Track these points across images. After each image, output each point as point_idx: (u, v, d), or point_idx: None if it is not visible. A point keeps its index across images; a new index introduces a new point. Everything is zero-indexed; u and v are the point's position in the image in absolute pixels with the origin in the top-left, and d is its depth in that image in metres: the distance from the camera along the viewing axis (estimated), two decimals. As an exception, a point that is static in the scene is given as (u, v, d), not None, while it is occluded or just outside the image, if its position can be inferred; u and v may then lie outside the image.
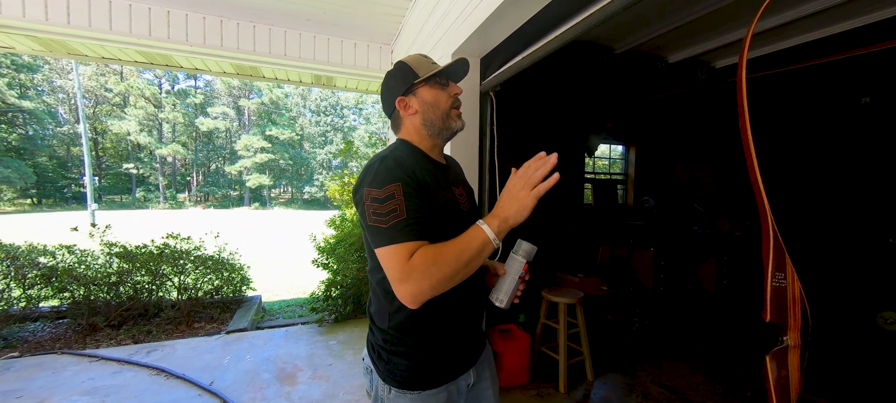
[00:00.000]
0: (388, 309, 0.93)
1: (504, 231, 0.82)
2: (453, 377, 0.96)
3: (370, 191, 0.84)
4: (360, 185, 0.88)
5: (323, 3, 2.75)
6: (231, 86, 33.56)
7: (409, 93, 0.98)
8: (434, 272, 0.78)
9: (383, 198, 0.82)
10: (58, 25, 2.58)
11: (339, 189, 4.32)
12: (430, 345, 0.93)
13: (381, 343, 0.95)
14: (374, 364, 0.98)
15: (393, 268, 0.80)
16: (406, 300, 0.80)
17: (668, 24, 2.58)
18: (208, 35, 2.91)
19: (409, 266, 0.78)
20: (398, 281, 0.79)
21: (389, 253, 0.81)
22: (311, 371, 2.72)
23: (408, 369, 0.92)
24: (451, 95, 1.00)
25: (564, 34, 1.52)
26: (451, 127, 1.00)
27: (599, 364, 2.74)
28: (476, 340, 1.04)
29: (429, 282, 0.78)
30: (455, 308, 0.95)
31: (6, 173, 21.25)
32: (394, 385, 0.93)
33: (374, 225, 0.83)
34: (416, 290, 0.78)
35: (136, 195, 30.52)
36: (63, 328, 3.36)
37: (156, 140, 30.88)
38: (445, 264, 0.78)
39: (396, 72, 0.99)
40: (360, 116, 39.12)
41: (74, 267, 3.38)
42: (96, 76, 28.33)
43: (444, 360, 0.95)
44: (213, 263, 3.85)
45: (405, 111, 0.99)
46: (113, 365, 2.74)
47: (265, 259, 8.36)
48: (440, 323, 0.94)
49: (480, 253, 0.81)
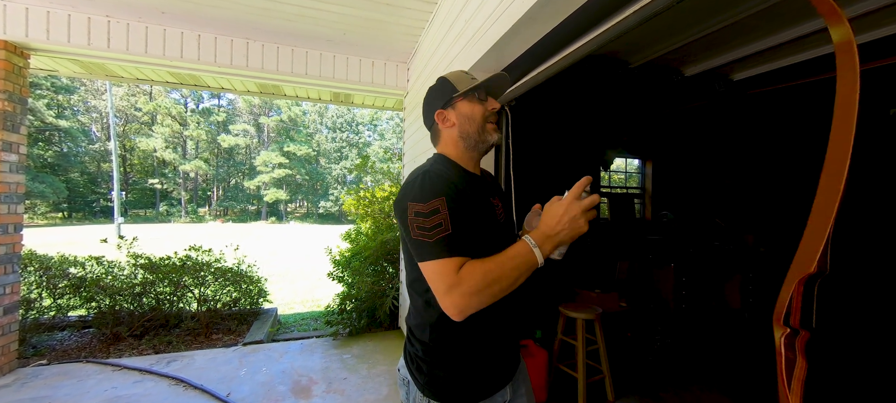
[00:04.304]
0: (429, 321, 0.94)
1: (549, 251, 0.85)
2: (491, 393, 0.96)
3: (414, 205, 0.85)
4: (402, 199, 0.90)
5: (344, 24, 2.87)
6: (252, 104, 34.85)
7: (448, 107, 1.01)
8: (482, 286, 0.79)
9: (428, 213, 0.84)
10: (99, 49, 2.76)
11: (354, 203, 4.39)
12: (471, 359, 0.94)
13: (421, 356, 0.95)
14: (412, 376, 0.98)
15: (440, 282, 0.81)
16: (452, 313, 0.81)
17: (683, 38, 2.57)
18: (235, 56, 3.06)
19: (457, 279, 0.80)
20: (445, 294, 0.81)
21: (436, 268, 0.82)
22: (325, 385, 2.71)
23: (447, 382, 0.93)
24: (489, 109, 1.01)
25: (579, 50, 1.54)
26: (487, 139, 1.01)
27: (620, 385, 2.64)
28: (513, 356, 1.04)
29: (477, 297, 0.79)
30: (496, 322, 0.96)
31: (41, 188, 22.40)
32: (432, 397, 0.93)
33: (418, 239, 0.84)
34: (463, 304, 0.79)
35: (160, 209, 31.66)
36: (88, 337, 3.47)
37: (180, 156, 32.15)
38: (493, 279, 0.80)
39: (437, 87, 1.03)
40: (375, 132, 39.88)
41: (102, 277, 3.51)
42: (127, 96, 29.94)
43: (482, 375, 0.95)
44: (233, 275, 3.93)
45: (443, 124, 1.02)
46: (135, 375, 2.80)
47: (281, 272, 8.49)
48: (481, 337, 0.94)
49: (527, 270, 0.83)
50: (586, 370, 2.41)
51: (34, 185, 21.69)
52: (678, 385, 2.70)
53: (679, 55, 2.90)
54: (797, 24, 2.36)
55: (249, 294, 4.01)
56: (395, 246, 3.92)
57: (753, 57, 2.82)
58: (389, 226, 4.10)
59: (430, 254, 0.82)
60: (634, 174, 5.14)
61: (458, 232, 0.84)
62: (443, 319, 0.89)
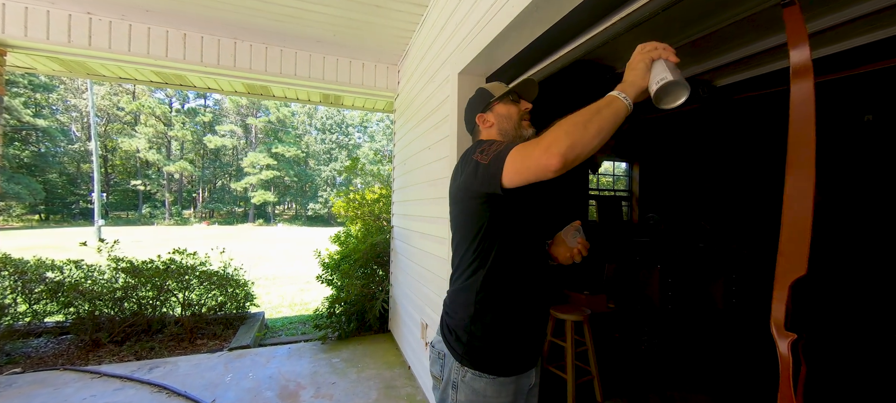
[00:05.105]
0: (474, 290, 1.00)
1: (629, 92, 0.84)
2: (524, 369, 1.02)
3: (478, 148, 0.99)
4: (466, 156, 1.03)
5: (333, 25, 2.85)
6: (239, 104, 34.30)
7: (487, 110, 1.17)
8: (571, 130, 0.78)
9: (491, 143, 0.97)
10: (79, 47, 2.69)
11: (343, 205, 4.36)
12: (508, 333, 1.00)
13: (462, 325, 1.01)
14: (449, 348, 1.04)
15: (531, 151, 0.82)
16: (553, 162, 0.78)
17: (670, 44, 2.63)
18: (222, 56, 3.01)
19: (545, 138, 0.80)
20: (543, 152, 0.79)
21: (520, 150, 0.85)
22: (313, 390, 2.68)
23: (486, 352, 0.98)
24: (523, 109, 1.16)
25: (567, 55, 1.57)
26: (523, 134, 1.14)
27: (608, 386, 2.68)
28: (541, 340, 1.10)
29: (568, 139, 0.77)
30: (531, 301, 1.04)
31: (17, 189, 21.62)
32: (469, 366, 0.98)
33: (493, 154, 0.90)
34: (559, 149, 0.77)
35: (143, 211, 30.86)
36: (66, 344, 3.36)
37: (164, 157, 31.42)
38: (580, 123, 0.79)
39: (476, 96, 1.21)
40: (365, 134, 39.66)
41: (81, 281, 3.40)
42: (109, 95, 29.14)
43: (517, 350, 1.01)
44: (218, 279, 3.85)
45: (484, 124, 1.17)
46: (115, 382, 2.72)
47: (268, 275, 8.35)
48: (518, 312, 1.01)
49: (611, 108, 0.81)
50: (575, 371, 2.44)
51: (9, 186, 20.92)
52: (665, 385, 2.75)
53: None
54: (774, 34, 2.44)
55: (236, 298, 3.94)
56: (384, 248, 3.90)
57: (735, 64, 2.91)
58: (379, 229, 4.07)
59: (507, 151, 0.87)
60: (622, 177, 5.23)
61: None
62: (488, 288, 0.99)
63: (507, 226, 1.00)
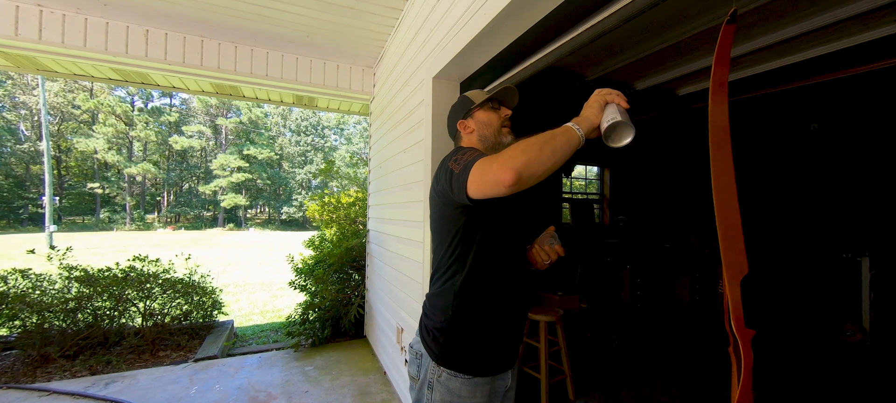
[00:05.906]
0: (451, 293, 1.02)
1: (583, 126, 0.91)
2: (499, 371, 1.03)
3: (452, 157, 1.01)
4: (445, 162, 1.03)
5: (306, 27, 2.80)
6: (208, 104, 32.94)
7: (467, 117, 1.18)
8: (527, 149, 0.82)
9: (465, 152, 1.00)
10: (28, 41, 2.50)
11: (318, 209, 4.27)
12: (484, 335, 1.02)
13: (439, 326, 1.03)
14: (426, 348, 1.06)
15: (489, 166, 0.85)
16: (508, 177, 0.80)
17: (634, 54, 2.76)
18: (188, 54, 2.89)
19: (503, 154, 0.83)
20: (499, 168, 0.82)
21: (481, 164, 0.87)
22: (285, 400, 2.60)
23: (462, 352, 1.00)
24: (503, 115, 1.18)
25: (539, 61, 1.61)
26: (502, 140, 1.16)
27: (581, 384, 2.75)
28: (517, 344, 1.11)
29: (523, 157, 0.81)
30: (508, 304, 1.06)
31: (-46, 193, 19.78)
32: (446, 366, 1.00)
33: (465, 162, 0.92)
34: (514, 165, 0.80)
35: (101, 216, 28.95)
36: (10, 360, 3.09)
37: (125, 159, 29.68)
38: (536, 143, 0.84)
39: (458, 103, 1.23)
40: (342, 136, 39.04)
41: (28, 292, 3.15)
42: (64, 92, 27.24)
43: (492, 352, 1.03)
44: (183, 286, 3.67)
45: (465, 131, 1.19)
46: (65, 399, 2.53)
47: (238, 281, 8.03)
48: (495, 315, 1.03)
49: (565, 136, 0.87)
50: (548, 370, 2.49)
51: (-55, 190, 19.10)
52: (636, 381, 2.85)
53: (631, 70, 3.11)
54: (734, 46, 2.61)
55: (202, 306, 3.76)
56: (360, 252, 3.84)
57: (695, 74, 3.08)
58: (355, 232, 4.01)
59: (471, 165, 0.90)
60: (594, 180, 5.40)
61: None
62: (465, 292, 1.01)
63: (483, 232, 1.02)
